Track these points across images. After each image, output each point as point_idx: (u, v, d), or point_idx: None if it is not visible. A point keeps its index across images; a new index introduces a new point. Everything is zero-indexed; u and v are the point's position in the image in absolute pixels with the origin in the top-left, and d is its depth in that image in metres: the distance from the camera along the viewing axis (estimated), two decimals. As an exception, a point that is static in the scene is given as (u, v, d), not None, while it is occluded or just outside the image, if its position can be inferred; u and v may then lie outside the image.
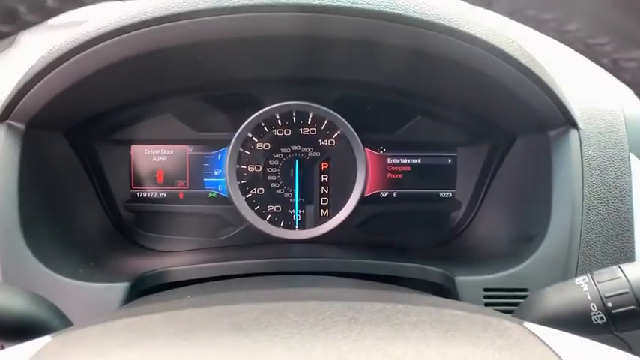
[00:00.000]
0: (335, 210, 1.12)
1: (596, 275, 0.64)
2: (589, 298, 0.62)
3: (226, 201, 1.11)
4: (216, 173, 1.12)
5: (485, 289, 0.85)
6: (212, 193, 1.13)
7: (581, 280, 0.64)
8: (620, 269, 0.63)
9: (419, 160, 1.16)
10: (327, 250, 1.08)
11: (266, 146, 1.11)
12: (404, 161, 1.16)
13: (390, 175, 1.16)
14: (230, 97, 1.06)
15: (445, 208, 1.15)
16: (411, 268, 0.93)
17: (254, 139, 1.10)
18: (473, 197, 1.12)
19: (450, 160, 1.15)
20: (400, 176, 1.16)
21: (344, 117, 1.07)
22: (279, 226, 1.12)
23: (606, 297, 0.61)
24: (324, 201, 1.14)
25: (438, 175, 1.15)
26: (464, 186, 1.14)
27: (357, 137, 1.08)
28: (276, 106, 1.06)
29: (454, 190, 1.15)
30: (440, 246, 1.11)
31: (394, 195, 1.16)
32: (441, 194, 1.16)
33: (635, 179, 0.87)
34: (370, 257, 0.98)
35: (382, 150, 1.15)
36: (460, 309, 0.47)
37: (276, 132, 1.11)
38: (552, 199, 0.87)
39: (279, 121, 1.10)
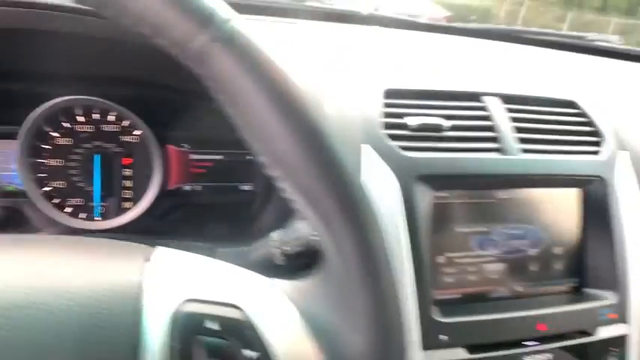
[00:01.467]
0: (136, 202, 1.19)
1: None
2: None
3: (24, 194, 1.14)
4: (12, 167, 1.14)
5: None
6: (9, 186, 1.15)
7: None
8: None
9: (221, 157, 1.25)
10: (128, 238, 1.13)
11: (68, 141, 1.16)
12: (206, 157, 1.25)
13: (192, 169, 1.24)
14: (16, 92, 1.10)
15: (244, 199, 1.25)
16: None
17: (54, 134, 1.15)
18: (266, 188, 1.23)
19: (248, 157, 1.26)
20: (204, 170, 1.25)
21: (141, 114, 1.15)
22: (78, 217, 1.16)
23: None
24: (127, 194, 1.19)
25: (239, 170, 1.26)
26: (262, 179, 1.25)
27: (151, 133, 1.16)
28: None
29: (253, 183, 1.26)
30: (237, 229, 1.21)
31: (198, 188, 1.24)
32: (240, 187, 1.26)
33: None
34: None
35: (185, 146, 1.23)
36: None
37: (77, 127, 1.16)
38: None
39: (80, 117, 1.16)
